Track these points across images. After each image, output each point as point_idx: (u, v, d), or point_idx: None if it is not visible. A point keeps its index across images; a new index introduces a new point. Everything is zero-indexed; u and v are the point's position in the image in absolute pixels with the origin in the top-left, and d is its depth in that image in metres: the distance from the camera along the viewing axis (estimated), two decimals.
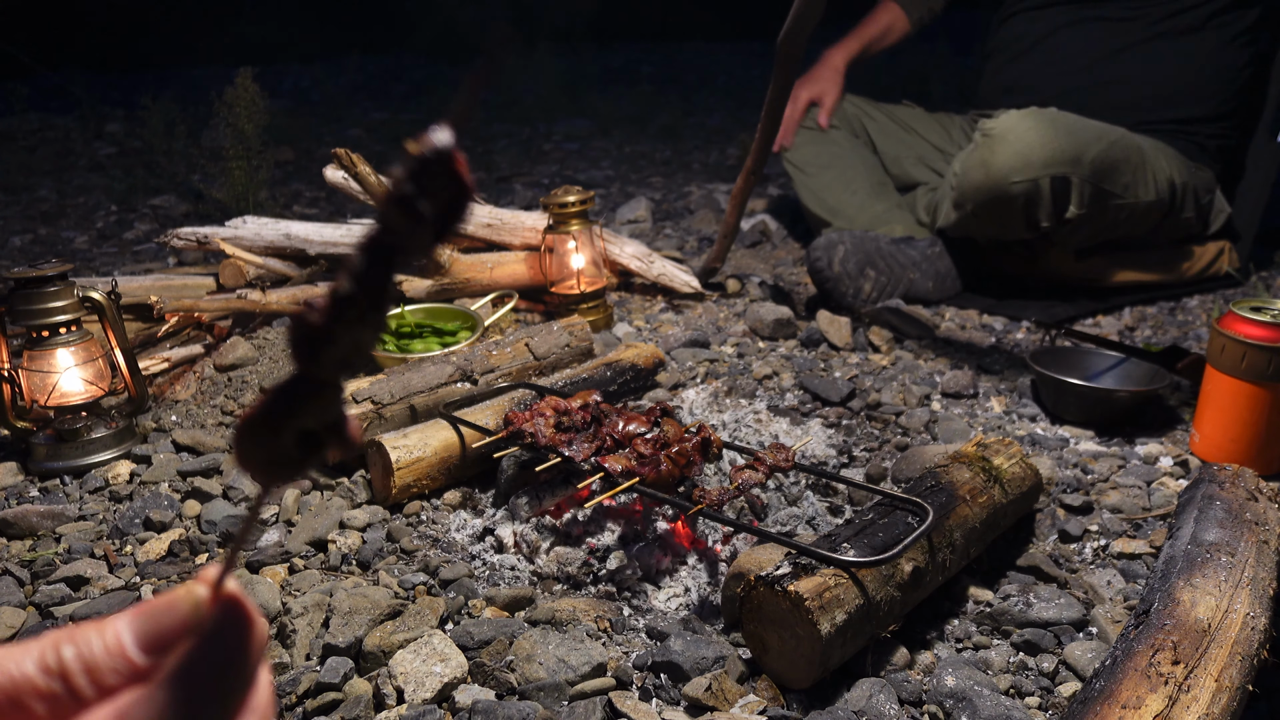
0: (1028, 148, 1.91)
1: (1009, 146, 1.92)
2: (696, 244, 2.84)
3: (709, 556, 1.17)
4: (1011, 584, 1.13)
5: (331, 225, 2.18)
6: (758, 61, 7.06)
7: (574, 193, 2.04)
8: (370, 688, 0.95)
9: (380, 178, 1.91)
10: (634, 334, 2.06)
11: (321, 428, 0.34)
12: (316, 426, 0.34)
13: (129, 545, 1.28)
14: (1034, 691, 0.96)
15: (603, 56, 7.19)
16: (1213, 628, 0.86)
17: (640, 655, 1.00)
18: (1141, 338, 2.01)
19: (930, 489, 1.10)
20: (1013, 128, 1.93)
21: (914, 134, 2.57)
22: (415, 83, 6.58)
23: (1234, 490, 1.12)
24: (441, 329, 1.89)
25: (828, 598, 0.90)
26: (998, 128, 1.95)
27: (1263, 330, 1.34)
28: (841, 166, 2.51)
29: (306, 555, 1.23)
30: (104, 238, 3.20)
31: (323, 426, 0.34)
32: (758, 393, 1.72)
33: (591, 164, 4.20)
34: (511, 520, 1.26)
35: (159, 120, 3.70)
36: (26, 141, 4.66)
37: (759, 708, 0.91)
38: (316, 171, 3.86)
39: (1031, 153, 1.91)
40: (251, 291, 2.01)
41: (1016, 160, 1.92)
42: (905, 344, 1.98)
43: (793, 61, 1.84)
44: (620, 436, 1.22)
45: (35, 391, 1.51)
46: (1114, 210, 2.02)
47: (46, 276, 1.47)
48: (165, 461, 1.49)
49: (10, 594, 1.15)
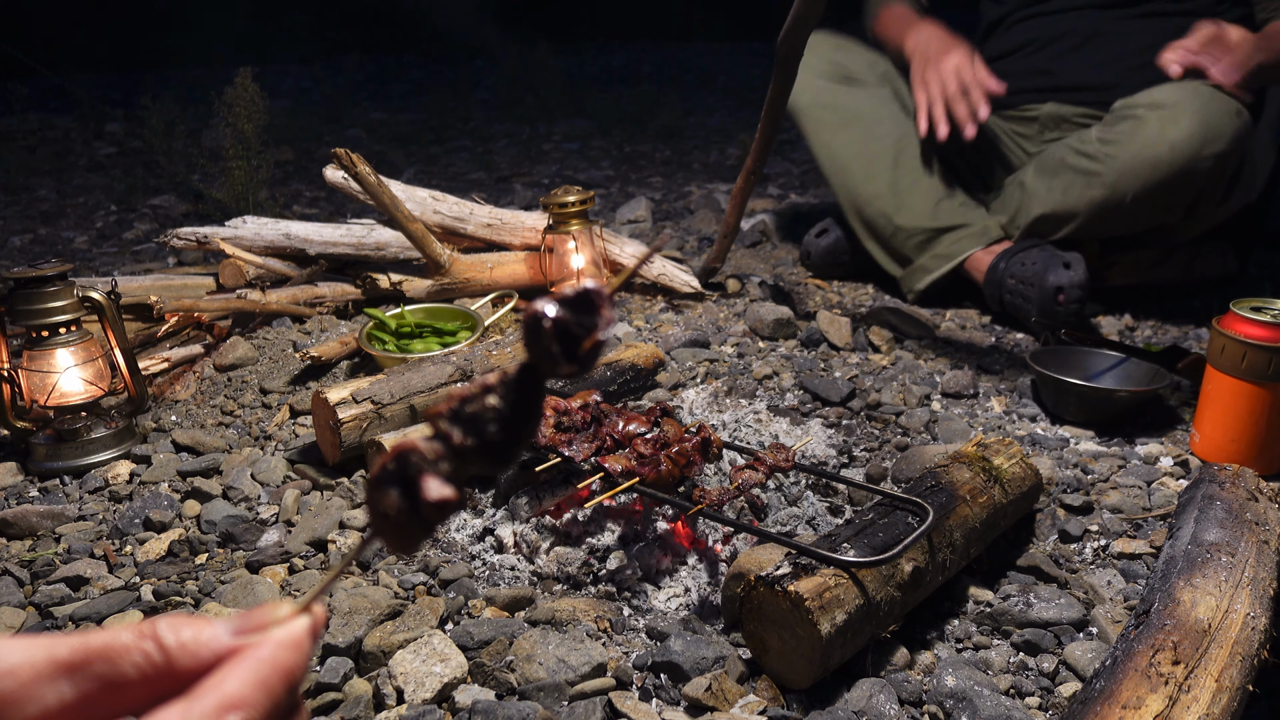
0: (1215, 116, 1.78)
1: (1192, 117, 1.79)
2: (696, 244, 2.84)
3: (709, 556, 1.17)
4: (1012, 584, 1.13)
5: (331, 225, 2.18)
6: (758, 61, 7.06)
7: (574, 193, 2.04)
8: (370, 688, 0.95)
9: (379, 177, 1.91)
10: (634, 334, 2.06)
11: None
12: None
13: (129, 545, 1.28)
14: (1034, 691, 0.96)
15: (603, 56, 7.19)
16: (1213, 628, 0.86)
17: (640, 655, 1.00)
18: (1141, 338, 2.01)
19: (930, 489, 1.10)
20: (1185, 100, 1.80)
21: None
22: (415, 83, 6.58)
23: (1234, 490, 1.12)
24: (441, 329, 1.89)
25: (828, 598, 0.90)
26: (1168, 100, 1.82)
27: (1263, 330, 1.34)
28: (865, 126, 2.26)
29: (306, 555, 1.23)
30: (104, 238, 3.20)
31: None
32: (758, 393, 1.72)
33: (591, 164, 4.20)
34: (511, 520, 1.26)
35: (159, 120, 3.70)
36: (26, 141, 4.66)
37: (759, 708, 0.91)
38: (316, 171, 3.86)
39: (1221, 122, 1.78)
40: (251, 291, 2.01)
41: (1206, 131, 1.78)
42: (905, 344, 1.98)
43: (793, 61, 1.84)
44: (620, 436, 1.22)
45: (35, 391, 1.51)
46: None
47: (46, 276, 1.47)
48: (165, 461, 1.49)
49: (10, 594, 1.15)
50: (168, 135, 3.71)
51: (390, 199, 1.93)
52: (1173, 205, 1.91)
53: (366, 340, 1.79)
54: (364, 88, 6.32)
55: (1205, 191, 1.88)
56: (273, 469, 1.44)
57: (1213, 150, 1.79)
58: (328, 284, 2.12)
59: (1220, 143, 1.79)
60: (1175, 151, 1.81)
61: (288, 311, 2.03)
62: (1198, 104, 1.79)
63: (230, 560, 1.23)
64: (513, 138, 4.81)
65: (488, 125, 5.15)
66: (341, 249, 2.14)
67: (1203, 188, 1.86)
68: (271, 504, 1.37)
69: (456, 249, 2.17)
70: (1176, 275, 2.21)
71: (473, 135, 4.92)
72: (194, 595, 1.14)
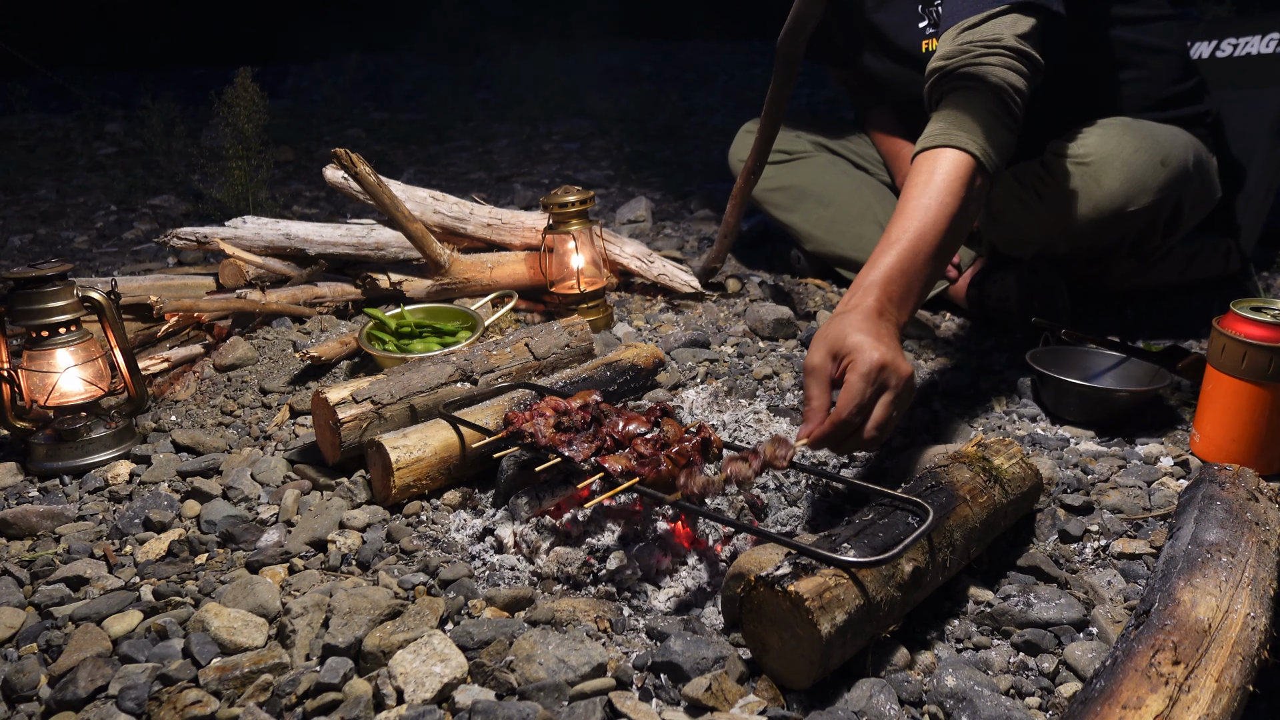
0: (1139, 171, 1.76)
1: (1115, 175, 1.76)
2: (696, 244, 2.84)
3: (709, 556, 1.17)
4: (1012, 584, 1.13)
5: (331, 225, 2.18)
6: (758, 61, 7.07)
7: (574, 193, 2.04)
8: (370, 688, 0.95)
9: (379, 177, 1.91)
10: (634, 334, 2.06)
11: None
12: None
13: (128, 545, 1.28)
14: (1034, 692, 0.96)
15: (603, 56, 7.19)
16: (1213, 628, 0.85)
17: (640, 655, 1.00)
18: (1141, 338, 2.01)
19: (930, 489, 1.10)
20: (1110, 155, 1.77)
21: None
22: (415, 82, 6.58)
23: (1234, 490, 1.12)
24: (441, 329, 1.89)
25: (828, 598, 0.90)
26: (1093, 154, 1.78)
27: (1263, 330, 1.34)
28: (816, 197, 2.34)
29: (306, 555, 1.23)
30: (104, 238, 3.20)
31: None
32: (758, 393, 1.72)
33: (591, 164, 4.20)
34: (511, 520, 1.26)
35: (159, 120, 3.70)
36: (26, 141, 4.66)
37: (759, 708, 0.91)
38: (316, 171, 3.86)
39: (1145, 176, 1.76)
40: (251, 291, 2.01)
41: (1130, 188, 1.76)
42: (905, 344, 1.98)
43: (792, 61, 1.84)
44: (620, 436, 1.22)
45: (35, 391, 1.51)
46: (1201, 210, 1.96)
47: (46, 276, 1.47)
48: (165, 461, 1.49)
49: (10, 594, 1.15)
50: (168, 135, 3.71)
51: (390, 199, 1.93)
52: (1113, 243, 1.91)
53: (366, 340, 1.79)
54: (364, 88, 6.32)
55: (1143, 232, 1.89)
56: (273, 469, 1.44)
57: (1140, 204, 1.78)
58: (328, 284, 2.12)
59: (1146, 197, 1.77)
60: (1100, 209, 1.80)
61: (288, 311, 2.03)
62: (1120, 159, 1.76)
63: (230, 560, 1.23)
64: (513, 138, 4.81)
65: (488, 125, 5.15)
66: (341, 249, 2.14)
67: (1141, 229, 1.86)
68: (271, 504, 1.37)
69: (456, 249, 2.17)
70: (1175, 275, 2.21)
71: (473, 135, 4.92)
72: (194, 595, 1.14)
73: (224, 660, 0.99)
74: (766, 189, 2.39)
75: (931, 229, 1.31)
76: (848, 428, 1.15)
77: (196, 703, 0.92)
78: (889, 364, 1.17)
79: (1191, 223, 1.99)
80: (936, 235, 1.31)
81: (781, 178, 2.39)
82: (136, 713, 0.93)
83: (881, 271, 1.27)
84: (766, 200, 2.42)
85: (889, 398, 1.17)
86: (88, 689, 0.95)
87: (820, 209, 2.36)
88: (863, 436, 1.17)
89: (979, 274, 2.08)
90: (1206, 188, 1.96)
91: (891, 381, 1.17)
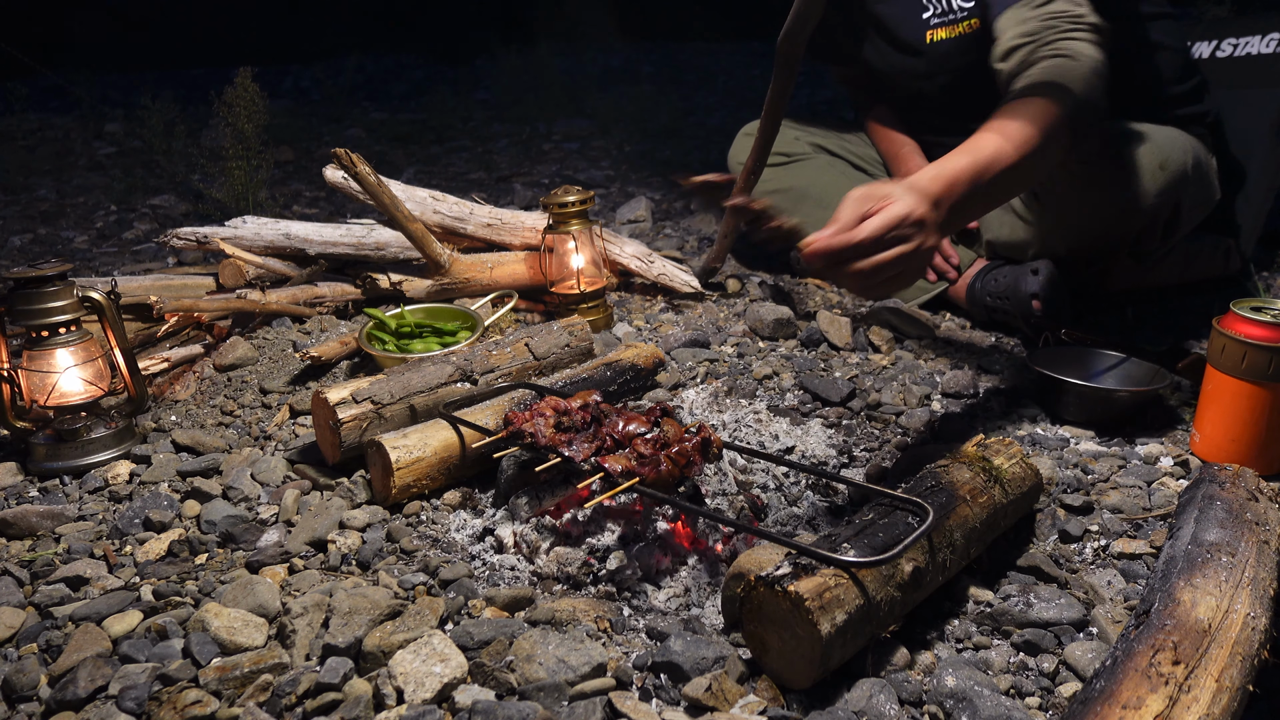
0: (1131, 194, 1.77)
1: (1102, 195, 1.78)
2: (696, 244, 2.84)
3: (709, 556, 1.17)
4: (1012, 584, 1.13)
5: (331, 225, 2.18)
6: (758, 61, 7.06)
7: (574, 193, 2.04)
8: (370, 688, 0.95)
9: (379, 177, 1.91)
10: (634, 334, 2.06)
11: None
12: None
13: (128, 545, 1.28)
14: (1034, 692, 0.96)
15: (603, 56, 7.19)
16: (1213, 628, 0.86)
17: (640, 655, 1.00)
18: (1141, 338, 2.01)
19: (930, 489, 1.10)
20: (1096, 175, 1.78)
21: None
22: (415, 83, 6.58)
23: (1234, 490, 1.12)
24: (441, 329, 1.89)
25: (828, 598, 0.90)
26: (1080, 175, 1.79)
27: (1263, 330, 1.34)
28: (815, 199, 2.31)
29: (306, 555, 1.23)
30: (104, 238, 3.20)
31: None
32: (758, 393, 1.72)
33: (591, 164, 4.20)
34: (511, 520, 1.26)
35: (159, 120, 3.70)
36: (26, 141, 4.67)
37: (759, 708, 0.91)
38: (316, 171, 3.86)
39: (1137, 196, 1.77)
40: (251, 291, 2.01)
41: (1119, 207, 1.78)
42: (905, 344, 1.98)
43: (792, 62, 1.84)
44: (620, 436, 1.22)
45: (35, 391, 1.51)
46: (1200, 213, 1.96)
47: (46, 276, 1.47)
48: (165, 461, 1.49)
49: (10, 594, 1.15)
50: (168, 135, 3.71)
51: (390, 199, 1.93)
52: (1111, 246, 1.92)
53: (366, 340, 1.79)
54: (364, 88, 6.32)
55: (1142, 234, 1.88)
56: (273, 469, 1.44)
57: (1138, 208, 1.79)
58: (328, 284, 2.12)
59: (1144, 200, 1.78)
60: (1098, 212, 1.82)
61: (288, 311, 2.03)
62: (1118, 162, 1.77)
63: (230, 560, 1.23)
64: (513, 138, 4.81)
65: (488, 125, 5.15)
66: (341, 249, 2.14)
67: (1139, 231, 1.87)
68: (271, 504, 1.37)
69: (456, 249, 2.17)
70: (1175, 275, 2.21)
71: (473, 135, 4.92)
72: (194, 595, 1.14)
73: (224, 660, 0.99)
74: (765, 191, 2.39)
75: (1008, 155, 1.32)
76: (851, 250, 1.13)
77: (196, 703, 0.92)
78: (922, 223, 1.16)
79: (1190, 224, 1.99)
80: (1009, 161, 1.31)
81: (781, 180, 2.39)
82: (136, 713, 0.93)
83: (949, 169, 1.27)
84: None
85: (903, 248, 1.15)
86: (88, 689, 0.95)
87: (820, 211, 2.36)
88: (856, 267, 1.14)
89: (979, 274, 2.09)
90: (1205, 189, 1.95)
91: (914, 239, 1.16)
